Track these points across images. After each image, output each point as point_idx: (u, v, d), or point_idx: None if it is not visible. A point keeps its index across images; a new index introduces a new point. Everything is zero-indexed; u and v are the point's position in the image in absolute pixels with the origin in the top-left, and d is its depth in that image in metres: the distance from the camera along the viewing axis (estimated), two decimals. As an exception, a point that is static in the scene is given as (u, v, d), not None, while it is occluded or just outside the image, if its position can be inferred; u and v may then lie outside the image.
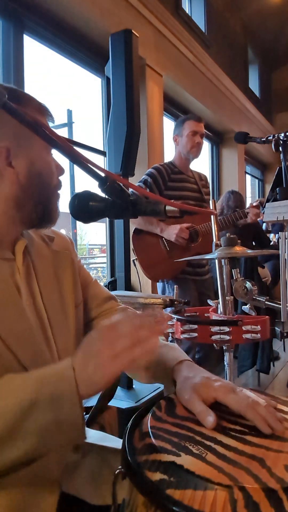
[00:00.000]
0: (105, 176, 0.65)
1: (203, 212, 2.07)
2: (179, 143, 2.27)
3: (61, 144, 0.61)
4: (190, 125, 2.24)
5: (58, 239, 0.85)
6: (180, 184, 2.25)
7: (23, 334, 0.65)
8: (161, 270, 2.20)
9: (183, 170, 2.29)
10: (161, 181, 2.19)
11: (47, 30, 2.42)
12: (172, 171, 2.25)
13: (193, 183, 2.31)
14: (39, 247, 0.79)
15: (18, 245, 0.73)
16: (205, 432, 0.54)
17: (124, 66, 1.98)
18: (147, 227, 2.18)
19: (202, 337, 1.16)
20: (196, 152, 2.28)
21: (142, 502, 0.46)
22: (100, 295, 0.93)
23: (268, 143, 1.41)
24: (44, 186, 0.72)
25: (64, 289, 0.79)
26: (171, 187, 2.21)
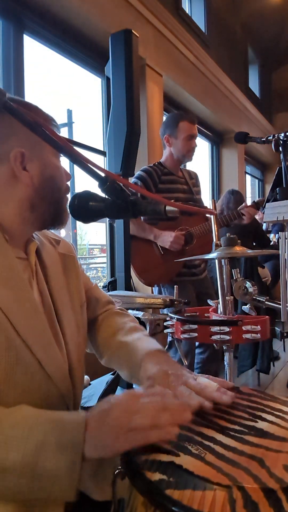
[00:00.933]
0: (105, 176, 0.66)
1: (203, 212, 2.06)
2: (172, 144, 2.18)
3: (61, 144, 0.61)
4: (185, 128, 2.14)
5: (63, 243, 0.90)
6: (171, 185, 2.19)
7: (36, 327, 0.68)
8: (157, 275, 2.13)
9: (173, 171, 2.22)
10: (152, 184, 2.13)
11: (47, 30, 2.42)
12: (162, 172, 2.18)
13: (183, 183, 2.25)
14: (48, 249, 0.83)
15: (31, 246, 0.76)
16: (204, 432, 0.55)
17: (124, 66, 1.98)
18: (140, 233, 2.11)
19: (202, 337, 1.16)
20: (192, 156, 2.22)
21: (141, 502, 0.46)
22: (102, 298, 1.00)
23: (268, 143, 1.41)
24: (56, 189, 0.75)
25: (71, 288, 0.84)
26: (162, 189, 2.15)
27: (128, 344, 0.83)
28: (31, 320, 0.67)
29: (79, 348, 0.81)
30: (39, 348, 0.66)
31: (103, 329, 0.93)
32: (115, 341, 0.87)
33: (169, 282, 2.14)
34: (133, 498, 0.48)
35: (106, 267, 3.27)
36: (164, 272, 2.13)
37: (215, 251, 1.20)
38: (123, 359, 0.82)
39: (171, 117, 2.24)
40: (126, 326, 0.90)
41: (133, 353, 0.79)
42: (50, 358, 0.68)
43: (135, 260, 2.15)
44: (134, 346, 0.81)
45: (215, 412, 0.60)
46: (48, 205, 0.75)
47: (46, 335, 0.70)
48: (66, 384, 0.73)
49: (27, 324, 0.66)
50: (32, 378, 0.65)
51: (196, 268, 2.23)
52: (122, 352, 0.83)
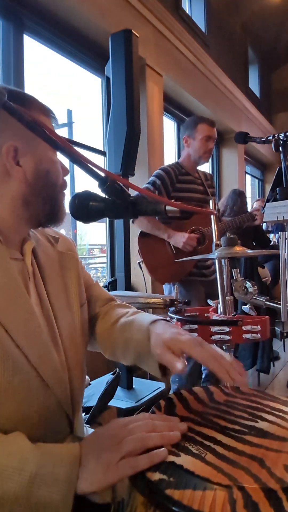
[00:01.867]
0: (105, 176, 0.65)
1: (203, 212, 2.06)
2: (190, 145, 2.23)
3: (61, 144, 0.61)
4: (204, 129, 2.19)
5: (62, 240, 0.86)
6: (187, 185, 2.24)
7: (32, 333, 0.65)
8: (168, 273, 2.17)
9: (190, 172, 2.27)
10: (169, 183, 2.17)
11: (47, 30, 2.41)
12: (179, 172, 2.23)
13: (199, 184, 2.30)
14: (45, 248, 0.80)
15: (26, 246, 0.74)
16: (204, 432, 0.54)
17: (124, 66, 1.98)
18: (154, 232, 2.15)
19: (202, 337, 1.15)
20: (208, 158, 2.28)
21: (141, 502, 0.46)
22: (103, 296, 0.98)
23: (268, 143, 1.41)
24: (51, 184, 0.72)
25: (70, 289, 0.81)
26: (179, 189, 2.20)
27: (130, 321, 0.81)
28: (26, 326, 0.65)
29: (78, 351, 0.78)
30: (35, 355, 0.64)
31: (104, 321, 0.91)
32: (116, 327, 0.85)
33: (180, 281, 2.18)
34: (133, 498, 0.48)
35: (106, 267, 3.27)
36: (175, 271, 2.16)
37: (215, 251, 1.20)
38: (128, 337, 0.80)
39: (191, 119, 2.30)
40: (128, 313, 0.88)
41: (137, 326, 0.78)
42: (47, 366, 0.66)
43: (147, 258, 2.19)
44: (137, 320, 0.79)
45: (215, 412, 0.60)
46: (43, 202, 0.72)
47: (42, 341, 0.67)
48: (64, 391, 0.71)
49: (22, 330, 0.63)
50: (29, 387, 0.63)
51: (207, 269, 2.26)
52: (125, 331, 0.81)
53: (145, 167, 3.01)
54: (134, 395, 2.03)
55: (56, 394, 0.67)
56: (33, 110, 0.70)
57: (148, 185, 2.20)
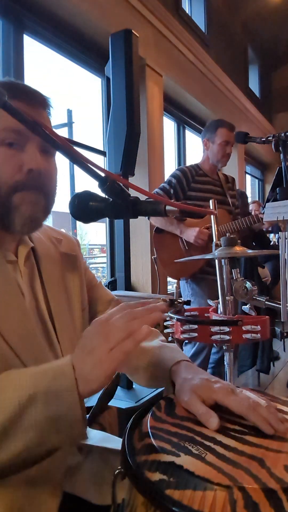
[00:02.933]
0: (105, 176, 0.65)
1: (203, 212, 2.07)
2: (209, 148, 2.30)
3: (61, 144, 0.61)
4: (223, 134, 2.25)
5: (65, 241, 0.85)
6: (204, 186, 2.28)
7: (26, 336, 0.64)
8: (179, 268, 2.24)
9: (208, 173, 2.33)
10: (185, 182, 2.23)
11: (47, 30, 2.41)
12: (196, 173, 2.28)
13: (217, 186, 2.34)
14: (47, 249, 0.78)
15: (21, 248, 0.72)
16: (204, 432, 0.54)
17: (124, 66, 1.98)
18: (168, 227, 2.21)
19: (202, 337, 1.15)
20: (226, 162, 2.33)
21: (141, 502, 0.46)
22: (105, 297, 0.95)
23: (268, 143, 1.40)
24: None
25: (71, 292, 0.79)
26: (194, 188, 2.25)
27: (149, 351, 0.77)
28: (21, 328, 0.64)
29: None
30: (29, 357, 0.63)
31: None
32: None
33: (191, 277, 2.24)
34: (133, 498, 0.48)
35: (106, 267, 3.27)
36: (186, 267, 2.22)
37: (215, 251, 1.20)
38: (143, 365, 0.77)
39: (212, 123, 2.37)
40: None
41: (157, 361, 0.74)
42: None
43: (161, 253, 2.28)
44: (158, 354, 0.75)
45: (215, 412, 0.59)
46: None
47: (36, 343, 0.66)
48: None
49: (16, 332, 0.62)
50: None
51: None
52: (142, 358, 0.78)
53: (145, 167, 3.01)
54: (134, 395, 2.03)
55: None
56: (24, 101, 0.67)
57: (164, 184, 2.26)
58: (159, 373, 0.72)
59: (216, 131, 2.27)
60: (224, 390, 0.60)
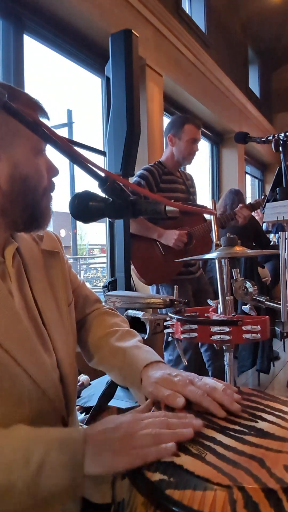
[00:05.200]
0: (105, 176, 0.65)
1: (203, 212, 2.07)
2: (174, 144, 2.20)
3: (61, 144, 0.61)
4: (190, 131, 2.18)
5: (47, 238, 0.83)
6: (171, 185, 2.22)
7: (19, 337, 0.64)
8: (158, 274, 2.16)
9: (172, 171, 2.26)
10: (154, 183, 2.16)
11: (47, 30, 2.41)
12: (162, 171, 2.21)
13: (181, 183, 2.29)
14: (29, 247, 0.78)
15: (8, 249, 0.71)
16: (204, 432, 0.54)
17: (124, 66, 1.98)
18: (143, 232, 2.13)
19: (202, 337, 1.16)
20: (192, 159, 2.26)
21: (141, 502, 0.46)
22: (90, 297, 0.97)
23: (268, 143, 1.41)
24: (30, 191, 0.68)
25: (56, 288, 0.79)
26: (163, 189, 2.18)
27: (124, 350, 0.79)
28: (12, 329, 0.63)
29: (70, 350, 0.77)
30: (24, 357, 0.63)
31: (94, 329, 0.90)
32: (108, 344, 0.83)
33: (169, 281, 2.16)
34: (133, 499, 0.48)
35: (106, 267, 3.27)
36: (165, 272, 2.15)
37: (215, 251, 1.20)
38: (118, 364, 0.78)
39: (178, 118, 2.27)
40: (120, 329, 0.87)
41: (131, 361, 0.75)
42: (37, 367, 0.65)
43: (136, 261, 2.16)
44: (133, 355, 0.77)
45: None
46: (20, 210, 0.67)
47: (30, 343, 0.66)
48: (57, 392, 0.70)
49: (8, 334, 0.62)
50: (21, 390, 0.62)
51: (192, 266, 2.27)
52: (117, 357, 0.79)
53: (145, 167, 3.01)
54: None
55: (49, 395, 0.67)
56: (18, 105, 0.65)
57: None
58: (131, 373, 0.74)
59: (183, 127, 2.17)
60: (183, 381, 0.64)
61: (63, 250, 0.88)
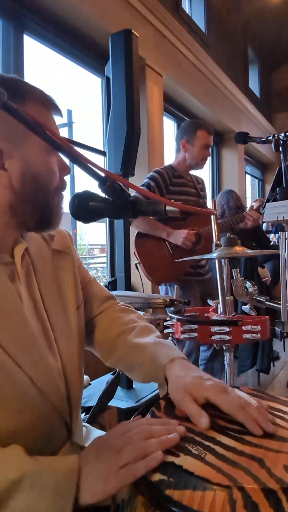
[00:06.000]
0: (105, 176, 0.65)
1: (203, 212, 2.08)
2: (187, 150, 2.25)
3: (61, 144, 0.61)
4: (203, 137, 2.22)
5: (58, 237, 0.82)
6: (181, 188, 2.27)
7: (25, 341, 0.63)
8: (165, 273, 2.19)
9: (183, 175, 2.30)
10: (163, 185, 2.20)
11: (47, 30, 2.41)
12: (173, 175, 2.26)
13: (192, 187, 2.33)
14: (39, 247, 0.76)
15: (17, 249, 0.69)
16: (204, 433, 0.54)
17: (124, 66, 1.98)
18: (152, 231, 2.17)
19: (202, 337, 1.16)
20: (203, 165, 2.31)
21: (141, 502, 0.46)
22: (100, 294, 0.93)
23: (268, 143, 1.41)
24: (42, 189, 0.67)
25: (65, 290, 0.77)
26: (173, 191, 2.22)
27: (144, 347, 0.76)
28: (19, 334, 0.62)
29: (75, 355, 0.75)
30: (28, 363, 0.62)
31: (109, 328, 0.87)
32: (127, 341, 0.81)
33: (176, 281, 2.19)
34: (133, 499, 0.48)
35: (106, 267, 3.27)
36: (172, 271, 2.18)
37: (215, 251, 1.20)
38: (138, 361, 0.76)
39: (190, 124, 2.31)
40: (137, 326, 0.84)
41: (152, 358, 0.73)
42: (41, 373, 0.64)
43: (144, 259, 2.20)
44: (153, 351, 0.74)
45: (215, 412, 0.60)
46: (32, 209, 0.66)
47: (36, 348, 0.64)
48: (61, 397, 0.68)
49: (14, 338, 0.61)
50: (24, 396, 0.61)
51: (202, 268, 2.29)
52: (137, 354, 0.77)
53: (145, 167, 3.01)
54: (134, 395, 2.02)
55: (53, 401, 0.66)
56: (30, 102, 0.66)
57: (142, 187, 2.21)
58: (154, 370, 0.72)
59: (195, 133, 2.22)
60: (216, 388, 0.60)
61: (74, 248, 0.86)
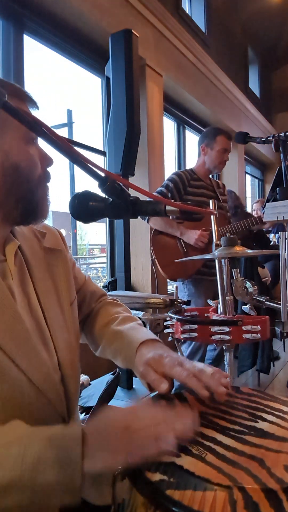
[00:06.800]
0: (105, 176, 0.65)
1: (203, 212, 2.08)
2: (206, 153, 2.36)
3: (61, 144, 0.61)
4: (222, 142, 2.33)
5: (49, 235, 0.82)
6: (199, 190, 2.35)
7: (19, 338, 0.63)
8: (177, 270, 2.27)
9: (202, 178, 2.38)
10: (181, 186, 2.28)
11: (47, 30, 2.41)
12: (191, 177, 2.35)
13: (211, 190, 2.41)
14: (31, 245, 0.76)
15: (9, 246, 0.69)
16: (204, 433, 0.54)
17: (124, 66, 1.98)
18: (167, 229, 2.26)
19: (202, 337, 1.16)
20: (222, 169, 2.42)
21: (141, 502, 0.46)
22: (97, 292, 0.97)
23: (268, 143, 1.41)
24: (23, 180, 0.66)
25: (59, 287, 0.78)
26: (190, 193, 2.31)
27: (122, 332, 0.80)
28: (13, 331, 0.62)
29: (71, 351, 0.75)
30: (23, 359, 0.62)
31: (98, 319, 0.90)
32: (109, 330, 0.84)
33: (189, 278, 2.28)
34: (133, 499, 0.48)
35: (106, 267, 3.27)
36: (184, 268, 2.26)
37: (215, 251, 1.20)
38: (118, 348, 0.79)
39: (211, 130, 2.45)
40: (120, 316, 0.88)
41: (128, 342, 0.77)
42: (36, 369, 0.64)
43: (159, 254, 2.31)
44: (129, 335, 0.78)
45: (215, 412, 0.60)
46: (14, 201, 0.65)
47: (30, 344, 0.64)
48: (58, 394, 0.69)
49: (8, 335, 0.61)
50: (20, 392, 0.61)
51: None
52: (117, 341, 0.80)
53: (145, 167, 3.01)
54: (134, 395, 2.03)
55: (49, 398, 0.66)
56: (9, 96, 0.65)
57: (162, 188, 2.31)
58: (129, 353, 0.75)
59: (215, 138, 2.34)
60: (171, 362, 0.65)
61: (66, 247, 0.86)
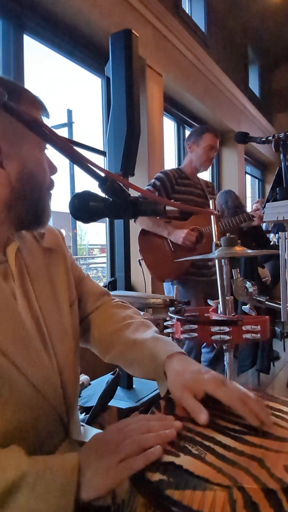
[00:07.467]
0: (105, 176, 0.65)
1: (203, 212, 2.09)
2: (193, 151, 2.34)
3: (61, 144, 0.61)
4: (208, 139, 2.31)
5: (48, 235, 0.82)
6: (186, 188, 2.32)
7: (20, 340, 0.63)
8: (166, 270, 2.24)
9: (190, 176, 2.36)
10: (169, 185, 2.26)
11: (47, 30, 2.41)
12: (179, 176, 2.33)
13: (199, 189, 2.38)
14: (30, 246, 0.76)
15: (10, 247, 0.70)
16: (204, 432, 0.54)
17: (124, 66, 1.98)
18: (155, 229, 2.23)
19: (202, 337, 1.16)
20: (208, 166, 2.39)
21: (141, 502, 0.46)
22: (95, 290, 0.93)
23: (268, 143, 1.41)
24: (36, 187, 0.68)
25: (58, 288, 0.78)
26: (178, 191, 2.28)
27: (142, 342, 0.77)
28: (13, 333, 0.62)
29: (70, 353, 0.75)
30: (24, 362, 0.62)
31: (105, 324, 0.87)
32: (124, 337, 0.81)
33: (177, 279, 2.25)
34: (133, 499, 0.48)
35: (106, 267, 3.27)
36: (172, 269, 2.23)
37: (215, 251, 1.20)
38: (137, 358, 0.76)
39: (198, 128, 2.44)
40: (133, 322, 0.84)
41: (151, 353, 0.73)
42: (37, 372, 0.64)
43: (147, 255, 2.27)
44: (152, 347, 0.75)
45: (215, 412, 0.60)
46: (27, 206, 0.68)
47: (32, 347, 0.65)
48: (57, 395, 0.69)
49: (10, 338, 0.61)
50: (21, 395, 0.61)
51: (206, 269, 2.31)
52: (135, 350, 0.77)
53: (145, 167, 3.01)
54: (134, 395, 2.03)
55: (49, 399, 0.66)
56: (23, 103, 0.67)
57: (148, 186, 2.28)
58: (153, 366, 0.72)
59: (202, 135, 2.32)
60: (214, 381, 0.61)
61: (65, 246, 0.86)
